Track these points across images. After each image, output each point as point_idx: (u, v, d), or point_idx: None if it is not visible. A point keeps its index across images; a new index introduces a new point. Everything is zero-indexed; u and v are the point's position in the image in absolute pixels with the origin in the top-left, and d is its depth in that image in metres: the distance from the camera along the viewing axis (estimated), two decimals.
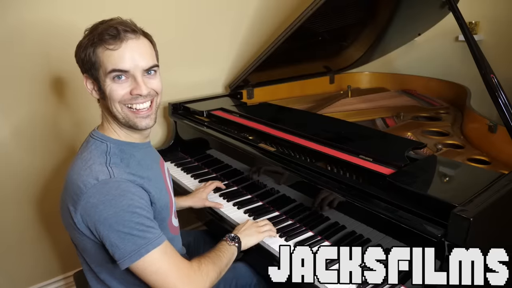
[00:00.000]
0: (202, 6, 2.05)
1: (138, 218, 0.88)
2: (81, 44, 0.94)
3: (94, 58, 0.91)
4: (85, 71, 0.95)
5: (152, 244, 0.88)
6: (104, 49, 0.90)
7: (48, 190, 1.80)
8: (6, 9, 1.52)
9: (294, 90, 2.26)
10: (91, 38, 0.91)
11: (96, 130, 1.03)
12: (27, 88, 1.64)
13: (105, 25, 0.91)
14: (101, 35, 0.90)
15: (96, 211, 0.87)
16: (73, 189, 0.91)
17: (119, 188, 0.89)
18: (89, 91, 0.98)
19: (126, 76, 0.93)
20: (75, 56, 0.96)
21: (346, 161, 1.23)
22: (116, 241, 0.86)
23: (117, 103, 0.94)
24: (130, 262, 0.87)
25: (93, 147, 0.97)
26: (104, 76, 0.92)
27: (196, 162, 1.81)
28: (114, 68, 0.91)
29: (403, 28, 2.10)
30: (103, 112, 1.02)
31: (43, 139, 1.74)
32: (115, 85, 0.93)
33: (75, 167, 0.94)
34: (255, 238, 1.16)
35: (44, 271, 1.89)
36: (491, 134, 1.44)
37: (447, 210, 0.90)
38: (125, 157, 0.97)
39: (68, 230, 1.00)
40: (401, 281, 1.02)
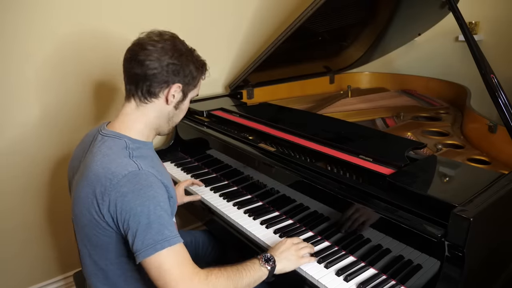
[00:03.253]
0: (202, 7, 2.04)
1: (161, 211, 0.92)
2: (182, 60, 1.04)
3: (196, 80, 1.09)
4: (179, 82, 1.04)
5: (168, 241, 0.89)
6: (201, 77, 1.12)
7: (49, 190, 1.80)
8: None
9: (294, 90, 2.26)
10: (193, 61, 1.07)
11: (105, 128, 1.06)
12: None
13: (200, 57, 1.13)
14: (204, 66, 1.12)
15: (125, 200, 0.90)
16: (100, 182, 0.93)
17: (147, 180, 0.94)
18: (170, 96, 1.04)
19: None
20: (159, 62, 1.00)
21: (346, 161, 1.23)
22: (137, 231, 0.89)
23: (180, 118, 1.14)
24: (145, 256, 0.88)
25: (111, 143, 1.00)
26: (189, 96, 1.10)
27: (196, 162, 1.81)
28: (198, 94, 1.15)
29: (403, 28, 2.10)
30: (135, 113, 1.05)
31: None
32: (188, 104, 1.13)
33: (96, 162, 0.96)
34: (294, 264, 1.06)
35: (44, 271, 1.89)
36: (491, 134, 1.43)
37: (447, 210, 0.90)
38: (142, 153, 1.02)
39: (84, 226, 1.00)
40: (401, 281, 1.02)
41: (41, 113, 1.70)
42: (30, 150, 1.71)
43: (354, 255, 1.13)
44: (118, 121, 1.06)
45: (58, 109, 1.74)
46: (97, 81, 1.81)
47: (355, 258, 1.12)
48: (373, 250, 1.08)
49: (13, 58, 1.59)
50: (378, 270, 1.07)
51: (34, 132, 1.70)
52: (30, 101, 1.66)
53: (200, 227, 2.22)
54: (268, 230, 1.28)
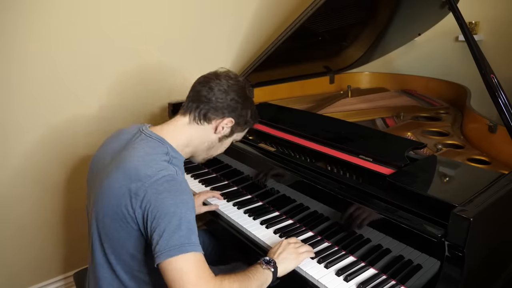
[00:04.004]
0: (202, 7, 2.05)
1: (191, 216, 0.94)
2: (245, 102, 1.14)
3: (246, 125, 1.18)
4: (233, 117, 1.12)
5: (194, 247, 0.91)
6: (250, 125, 1.21)
7: (52, 190, 1.80)
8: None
9: (294, 90, 2.25)
10: (251, 109, 1.17)
11: (148, 129, 1.09)
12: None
13: (256, 110, 1.22)
14: (257, 117, 1.22)
15: (159, 198, 0.93)
16: (138, 176, 0.95)
17: (183, 185, 0.98)
18: (220, 127, 1.12)
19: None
20: (226, 94, 1.10)
21: (346, 161, 1.23)
22: (165, 231, 0.90)
23: (218, 153, 1.22)
24: (168, 256, 0.88)
25: (154, 145, 1.04)
26: (235, 137, 1.20)
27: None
28: (240, 139, 1.25)
29: (403, 28, 2.10)
30: (184, 128, 1.11)
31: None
32: (229, 143, 1.22)
33: (138, 157, 0.99)
34: (294, 262, 1.08)
35: (44, 271, 1.89)
36: (491, 134, 1.43)
37: (447, 210, 0.91)
38: (178, 164, 1.07)
39: (101, 216, 1.01)
40: (401, 281, 1.02)
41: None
42: (32, 154, 1.71)
43: (354, 255, 1.13)
44: (166, 128, 1.11)
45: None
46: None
47: (355, 258, 1.12)
48: (373, 250, 1.08)
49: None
50: (378, 270, 1.07)
51: (39, 136, 1.72)
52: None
53: (200, 227, 2.22)
54: (268, 230, 1.28)
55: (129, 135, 1.11)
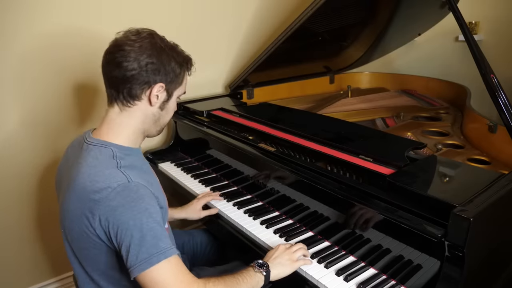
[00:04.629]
0: (202, 7, 2.05)
1: (153, 223, 0.89)
2: (163, 58, 0.97)
3: (181, 77, 1.03)
4: (161, 81, 0.98)
5: (164, 254, 0.88)
6: (186, 74, 1.06)
7: (47, 191, 1.80)
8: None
9: (294, 90, 2.26)
10: (174, 57, 1.00)
11: (90, 136, 1.01)
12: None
13: (184, 52, 1.05)
14: (188, 62, 1.05)
15: (116, 214, 0.88)
16: (88, 196, 0.90)
17: (138, 192, 0.91)
18: (153, 97, 0.99)
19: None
20: (137, 62, 0.95)
21: (346, 161, 1.23)
22: (130, 246, 0.87)
23: (168, 119, 1.08)
24: (140, 270, 0.86)
25: (97, 153, 0.96)
26: (176, 94, 1.05)
27: (196, 162, 1.81)
28: (185, 91, 1.09)
29: (403, 28, 2.10)
30: (119, 118, 1.00)
31: (45, 137, 1.74)
32: (176, 104, 1.08)
33: (83, 174, 0.93)
34: (289, 268, 1.05)
35: (43, 272, 1.89)
36: (491, 134, 1.43)
37: (447, 210, 0.90)
38: (131, 161, 0.98)
39: (73, 238, 0.99)
40: (401, 281, 1.02)
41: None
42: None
43: (354, 255, 1.13)
44: (103, 128, 1.01)
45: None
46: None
47: (355, 258, 1.12)
48: (373, 250, 1.08)
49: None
50: (378, 270, 1.07)
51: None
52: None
53: (199, 227, 2.22)
54: (268, 230, 1.27)
55: (76, 147, 1.05)
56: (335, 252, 1.15)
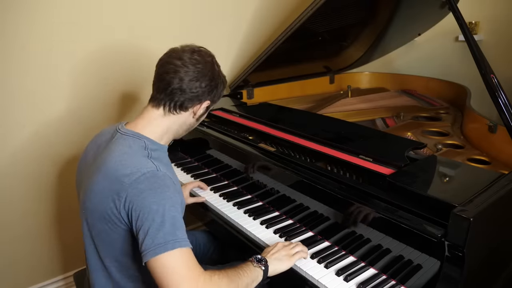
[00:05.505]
0: (202, 7, 2.05)
1: (175, 212, 0.93)
2: (218, 81, 1.10)
3: (220, 97, 1.15)
4: (209, 99, 1.11)
5: (179, 243, 0.90)
6: (223, 94, 1.17)
7: (51, 190, 1.80)
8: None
9: (294, 90, 2.26)
10: (223, 82, 1.14)
11: (124, 127, 1.07)
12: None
13: (222, 72, 1.15)
14: (226, 83, 1.16)
15: (141, 196, 0.92)
16: (118, 177, 0.95)
17: (165, 181, 0.96)
18: (199, 111, 1.10)
19: None
20: (199, 82, 1.05)
21: (346, 161, 1.23)
22: (149, 229, 0.89)
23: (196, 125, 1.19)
24: (153, 254, 0.88)
25: (130, 142, 1.03)
26: (209, 109, 1.16)
27: (196, 162, 1.81)
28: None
29: (403, 28, 2.10)
30: (160, 120, 1.08)
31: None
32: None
33: (115, 158, 0.98)
34: (286, 264, 1.08)
35: (44, 271, 1.89)
36: (491, 134, 1.43)
37: (447, 210, 0.91)
38: (159, 156, 1.05)
39: (94, 221, 1.01)
40: (401, 281, 1.02)
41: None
42: (34, 151, 1.72)
43: (354, 255, 1.13)
44: (140, 122, 1.08)
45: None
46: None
47: (355, 258, 1.12)
48: (373, 250, 1.08)
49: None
50: (378, 270, 1.07)
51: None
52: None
53: (200, 227, 2.22)
54: (268, 230, 1.27)
55: (107, 135, 1.11)
56: (335, 252, 1.15)
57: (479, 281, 1.03)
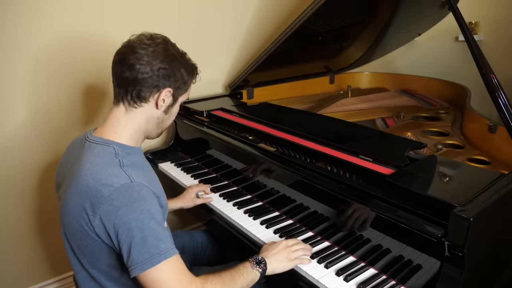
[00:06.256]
0: (202, 6, 2.05)
1: (155, 225, 0.90)
2: (174, 64, 1.01)
3: (188, 84, 1.07)
4: (169, 86, 1.02)
5: (164, 254, 0.89)
6: (191, 81, 1.09)
7: (47, 190, 1.80)
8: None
9: (294, 90, 2.26)
10: (184, 65, 1.04)
11: (92, 134, 1.02)
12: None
13: (191, 61, 1.08)
14: (194, 69, 1.08)
15: (118, 214, 0.88)
16: (90, 192, 0.91)
17: (141, 193, 0.92)
18: (160, 101, 1.02)
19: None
20: (150, 66, 0.97)
21: (346, 161, 1.23)
22: (132, 246, 0.88)
23: (170, 122, 1.11)
24: (140, 270, 0.87)
25: (99, 151, 0.97)
26: (181, 100, 1.08)
27: (196, 162, 1.81)
28: (188, 99, 1.14)
29: (403, 28, 2.10)
30: (124, 118, 1.02)
31: (47, 137, 1.74)
32: (178, 108, 1.11)
33: (85, 171, 0.93)
34: (284, 265, 1.07)
35: (44, 271, 1.89)
36: (491, 134, 1.43)
37: (447, 210, 0.90)
38: (132, 160, 0.99)
39: (72, 235, 0.99)
40: (401, 281, 1.02)
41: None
42: (21, 151, 1.70)
43: (354, 255, 1.13)
44: (106, 126, 1.03)
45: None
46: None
47: (355, 258, 1.12)
48: (373, 250, 1.08)
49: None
50: (378, 270, 1.07)
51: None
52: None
53: (200, 227, 2.22)
54: (268, 230, 1.27)
55: (76, 145, 1.06)
56: (335, 252, 1.15)
57: (479, 281, 1.03)
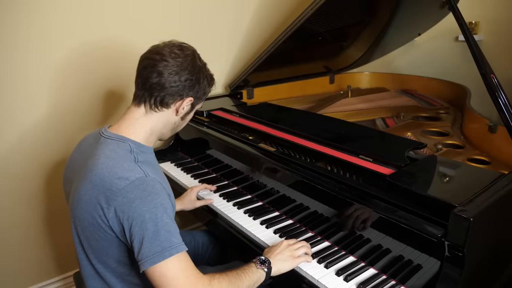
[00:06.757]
0: (203, 6, 2.05)
1: (168, 219, 0.92)
2: (199, 75, 1.06)
3: (206, 94, 1.13)
4: (192, 96, 1.07)
5: (176, 249, 0.90)
6: (208, 91, 1.14)
7: (54, 190, 1.80)
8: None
9: (294, 90, 2.26)
10: (207, 77, 1.10)
11: (107, 130, 1.05)
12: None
13: (209, 70, 1.13)
14: (213, 80, 1.14)
15: (132, 206, 0.90)
16: (105, 185, 0.92)
17: (155, 187, 0.94)
18: (181, 108, 1.06)
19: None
20: (178, 76, 1.02)
21: (346, 161, 1.23)
22: (144, 239, 0.89)
23: (183, 127, 1.17)
24: (151, 263, 0.88)
25: (115, 146, 1.00)
26: (196, 107, 1.14)
27: (196, 162, 1.81)
28: (201, 106, 1.19)
29: (403, 28, 2.10)
30: (143, 119, 1.05)
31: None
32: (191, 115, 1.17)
33: (101, 164, 0.95)
34: (289, 264, 1.08)
35: (43, 271, 1.89)
36: (491, 134, 1.43)
37: (447, 210, 0.91)
38: (146, 158, 1.03)
39: (83, 229, 0.99)
40: (401, 281, 1.02)
41: (42, 116, 1.70)
42: (29, 151, 1.71)
43: (354, 255, 1.13)
44: (123, 124, 1.05)
45: (59, 113, 1.74)
46: (105, 90, 1.82)
47: (355, 258, 1.12)
48: (373, 250, 1.08)
49: (18, 58, 1.59)
50: (378, 270, 1.07)
51: (34, 133, 1.70)
52: (30, 103, 1.66)
53: (200, 227, 2.22)
54: (268, 230, 1.27)
55: (91, 140, 1.08)
56: (335, 252, 1.15)
57: (479, 281, 1.03)
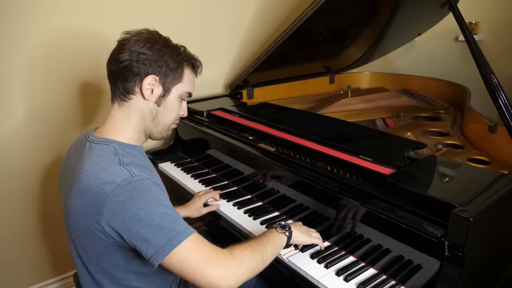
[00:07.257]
0: (203, 7, 2.05)
1: (165, 210, 0.89)
2: (155, 49, 0.98)
3: (178, 72, 1.02)
4: (153, 73, 0.99)
5: (184, 234, 0.87)
6: (190, 72, 1.06)
7: (49, 190, 1.80)
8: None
9: (294, 90, 2.26)
10: (170, 52, 1.00)
11: (93, 134, 1.03)
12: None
13: (188, 52, 1.06)
14: (192, 60, 1.06)
15: (125, 208, 0.87)
16: (93, 192, 0.90)
17: (143, 183, 0.91)
18: (145, 90, 0.99)
19: (184, 100, 1.09)
20: (129, 52, 0.97)
21: (346, 161, 1.23)
22: (147, 235, 0.86)
23: (171, 119, 1.07)
24: (163, 256, 0.85)
25: (99, 150, 0.97)
26: (176, 92, 1.04)
27: (196, 162, 1.81)
28: (189, 92, 1.08)
29: (403, 28, 2.10)
30: (119, 114, 1.02)
31: (48, 136, 1.75)
32: (178, 104, 1.07)
33: (86, 171, 0.93)
34: (306, 238, 1.11)
35: (43, 271, 1.89)
36: (491, 134, 1.43)
37: (447, 210, 0.90)
38: (133, 159, 0.99)
39: (78, 236, 0.98)
40: (401, 281, 1.02)
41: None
42: (22, 150, 1.70)
43: (354, 255, 1.13)
44: (106, 125, 1.03)
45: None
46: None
47: (355, 258, 1.12)
48: (373, 250, 1.08)
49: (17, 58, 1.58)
50: (378, 270, 1.07)
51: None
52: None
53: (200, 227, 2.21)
54: None
55: (78, 145, 1.06)
56: (335, 252, 1.15)
57: (479, 281, 1.03)
